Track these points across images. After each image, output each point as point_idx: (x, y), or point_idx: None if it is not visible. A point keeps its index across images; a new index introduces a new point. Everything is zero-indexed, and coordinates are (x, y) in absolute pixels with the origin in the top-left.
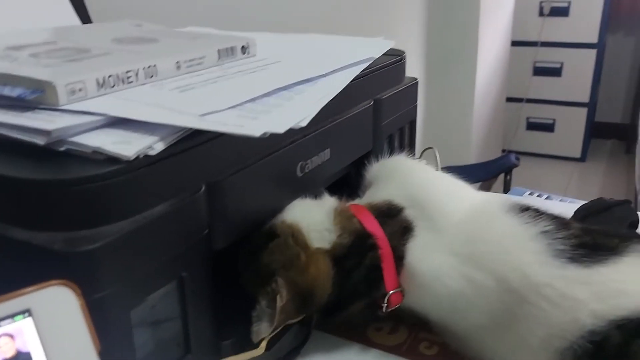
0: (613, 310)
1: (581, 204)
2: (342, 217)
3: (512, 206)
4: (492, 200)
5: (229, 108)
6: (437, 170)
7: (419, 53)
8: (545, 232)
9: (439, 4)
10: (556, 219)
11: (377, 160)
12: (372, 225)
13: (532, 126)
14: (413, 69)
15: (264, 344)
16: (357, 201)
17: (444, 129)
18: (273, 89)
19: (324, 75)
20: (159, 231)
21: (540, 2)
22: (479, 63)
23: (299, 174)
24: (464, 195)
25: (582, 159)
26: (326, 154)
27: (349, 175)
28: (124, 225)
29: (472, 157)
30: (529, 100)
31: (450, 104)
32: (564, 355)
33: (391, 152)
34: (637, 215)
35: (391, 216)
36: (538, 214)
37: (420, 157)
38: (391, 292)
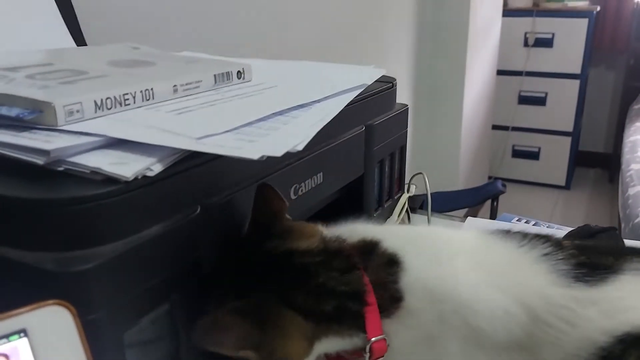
0: (620, 326)
1: (568, 231)
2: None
3: (500, 233)
4: (478, 234)
5: (226, 131)
6: (427, 193)
7: (408, 82)
8: (545, 254)
9: (427, 34)
10: (549, 240)
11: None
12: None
13: (518, 154)
14: (402, 97)
15: None
16: None
17: (431, 155)
18: (269, 114)
19: (319, 101)
20: (153, 252)
21: (525, 33)
22: (466, 91)
23: (293, 196)
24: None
25: (566, 186)
26: (319, 178)
27: (339, 199)
28: (119, 245)
29: (459, 183)
30: (515, 129)
31: (438, 131)
32: None
33: (381, 177)
34: (622, 241)
35: (368, 252)
36: (528, 236)
37: (409, 181)
38: (373, 339)
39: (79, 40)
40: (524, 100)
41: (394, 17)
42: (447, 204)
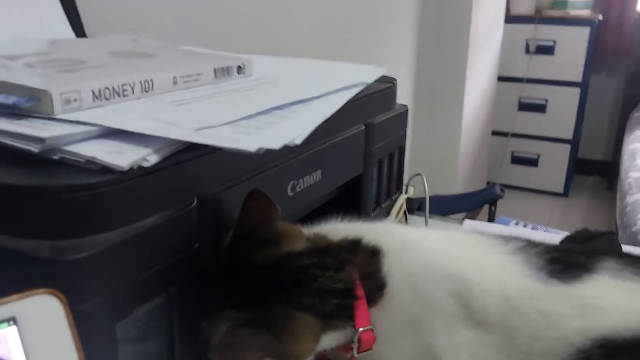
0: (594, 328)
1: (566, 235)
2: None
3: (476, 232)
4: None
5: (225, 124)
6: (426, 195)
7: (409, 86)
8: (519, 248)
9: (429, 38)
10: (523, 239)
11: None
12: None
13: (517, 160)
14: (402, 101)
15: None
16: None
17: (430, 159)
18: (268, 108)
19: (319, 97)
20: (149, 243)
21: (527, 40)
22: (466, 96)
23: (290, 193)
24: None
25: (565, 194)
26: (317, 175)
27: (337, 198)
28: (113, 235)
29: (457, 187)
30: (514, 135)
31: (438, 135)
32: None
33: (380, 177)
34: (620, 246)
35: (354, 247)
36: (503, 235)
37: (408, 183)
38: (361, 329)
39: (79, 31)
40: (524, 107)
41: (395, 20)
42: (445, 207)
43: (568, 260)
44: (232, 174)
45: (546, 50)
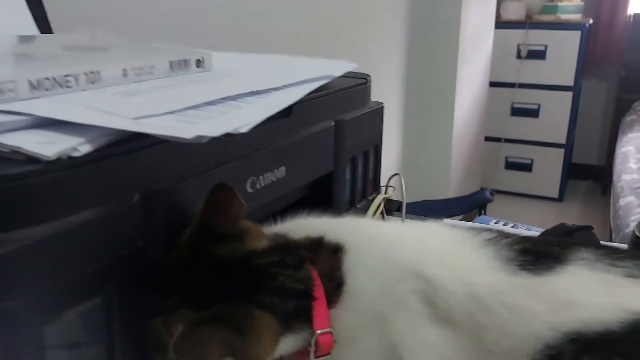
0: (566, 322)
1: (543, 230)
2: None
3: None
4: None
5: (168, 113)
6: (403, 196)
7: (398, 92)
8: (489, 239)
9: (418, 44)
10: (494, 231)
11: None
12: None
13: (511, 165)
14: (392, 106)
15: None
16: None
17: (422, 165)
18: (219, 98)
19: (277, 89)
20: (82, 239)
21: (518, 45)
22: (457, 102)
23: (249, 189)
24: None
25: (559, 199)
26: (281, 172)
27: (307, 197)
28: (41, 230)
29: (450, 193)
30: (507, 140)
31: (429, 141)
32: None
33: (354, 176)
34: (598, 241)
35: (317, 246)
36: (475, 228)
37: (387, 183)
38: (319, 332)
39: (45, 28)
40: (516, 112)
41: (384, 26)
42: (433, 212)
43: (540, 252)
44: (184, 167)
45: (537, 55)
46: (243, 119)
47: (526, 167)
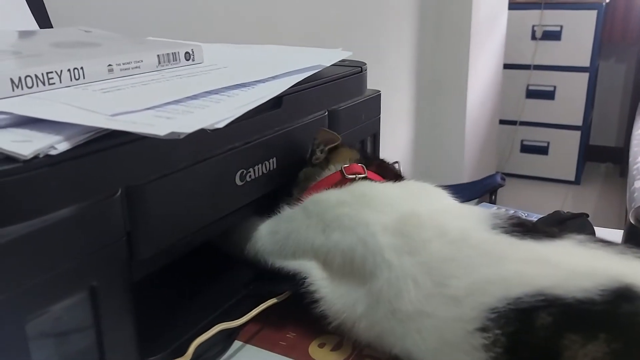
0: (540, 277)
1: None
2: None
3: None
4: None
5: (147, 109)
6: None
7: (410, 76)
8: (488, 209)
9: (429, 27)
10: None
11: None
12: None
13: (527, 149)
14: (404, 91)
15: (191, 351)
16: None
17: (436, 150)
18: (201, 92)
19: (263, 80)
20: (63, 236)
21: (533, 26)
22: (469, 85)
23: (239, 182)
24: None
25: (576, 181)
26: (272, 164)
27: None
28: (19, 228)
29: (464, 177)
30: (523, 123)
31: (442, 126)
32: (487, 314)
33: None
34: (593, 229)
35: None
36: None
37: None
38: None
39: (45, 23)
40: (532, 94)
41: (394, 10)
42: None
43: (532, 227)
44: (168, 162)
45: (553, 35)
46: (221, 113)
47: (542, 150)
